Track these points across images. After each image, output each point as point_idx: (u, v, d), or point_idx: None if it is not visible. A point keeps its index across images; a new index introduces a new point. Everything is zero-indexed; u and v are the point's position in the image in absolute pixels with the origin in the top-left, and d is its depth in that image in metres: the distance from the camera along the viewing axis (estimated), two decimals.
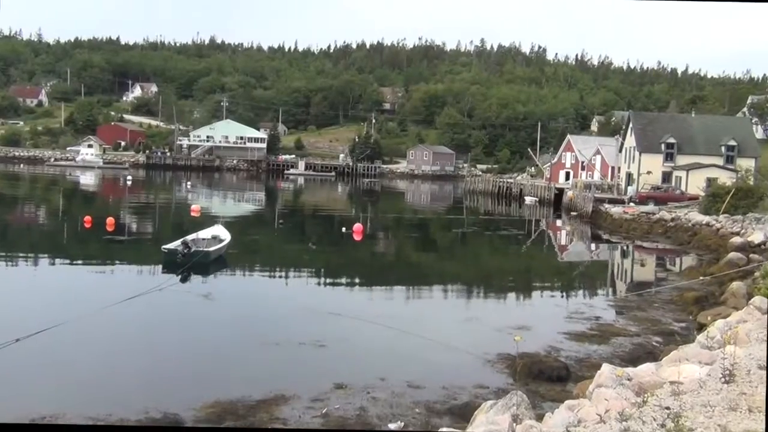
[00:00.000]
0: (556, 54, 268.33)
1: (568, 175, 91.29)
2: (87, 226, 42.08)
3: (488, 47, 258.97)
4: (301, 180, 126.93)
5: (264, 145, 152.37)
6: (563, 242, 52.92)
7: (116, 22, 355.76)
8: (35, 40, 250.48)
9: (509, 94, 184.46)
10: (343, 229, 45.08)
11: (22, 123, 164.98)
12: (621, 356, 17.97)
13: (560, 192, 77.09)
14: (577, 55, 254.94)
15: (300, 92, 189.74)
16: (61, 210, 59.44)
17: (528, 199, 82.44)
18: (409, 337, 19.16)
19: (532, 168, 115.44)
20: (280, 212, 65.74)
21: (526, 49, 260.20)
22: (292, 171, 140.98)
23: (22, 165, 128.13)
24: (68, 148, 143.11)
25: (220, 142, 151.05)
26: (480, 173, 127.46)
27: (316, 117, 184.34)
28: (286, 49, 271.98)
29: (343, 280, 30.51)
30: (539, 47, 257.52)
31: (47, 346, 16.82)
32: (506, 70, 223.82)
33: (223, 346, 18.35)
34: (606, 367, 11.69)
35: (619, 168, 75.34)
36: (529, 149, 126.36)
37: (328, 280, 30.04)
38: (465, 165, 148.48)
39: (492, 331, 20.78)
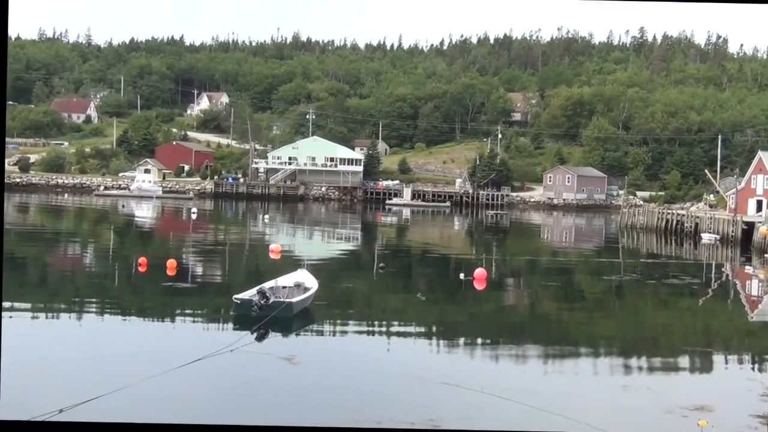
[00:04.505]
0: (741, 45, 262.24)
1: (759, 204, 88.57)
2: (142, 269, 43.56)
3: (650, 38, 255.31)
4: (406, 212, 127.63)
5: (360, 168, 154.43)
6: (755, 294, 51.03)
7: (179, 19, 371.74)
8: (83, 42, 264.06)
9: (679, 98, 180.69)
10: (462, 276, 44.89)
11: (66, 143, 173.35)
12: None
13: (750, 227, 74.91)
14: None
15: (405, 101, 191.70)
16: (111, 250, 61.84)
17: (706, 237, 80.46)
18: (551, 418, 18.76)
19: (711, 195, 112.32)
20: (380, 253, 66.20)
21: (700, 40, 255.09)
22: (395, 200, 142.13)
23: (66, 195, 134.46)
24: (121, 174, 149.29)
25: (305, 164, 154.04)
26: (640, 202, 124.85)
27: (426, 132, 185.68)
28: (388, 47, 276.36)
29: (462, 341, 30.27)
30: (718, 37, 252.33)
31: (95, 418, 17.35)
32: (674, 67, 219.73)
33: (307, 424, 18.42)
34: None
35: None
36: (706, 171, 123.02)
37: (442, 341, 29.90)
38: (620, 192, 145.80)
39: (661, 412, 20.11)
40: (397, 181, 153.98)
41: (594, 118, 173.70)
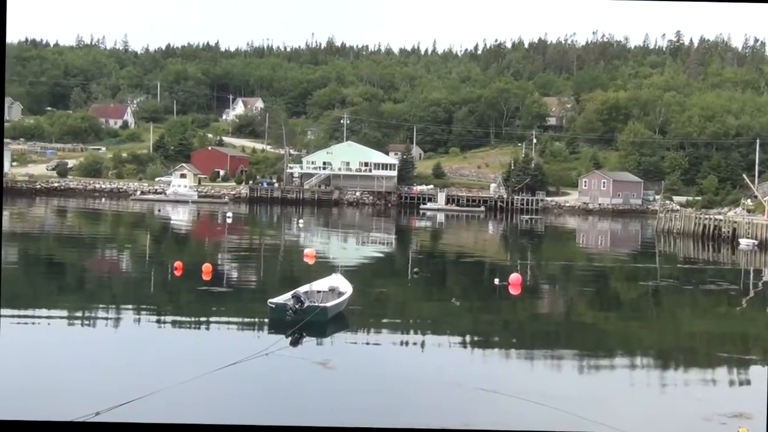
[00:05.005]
0: None
1: None
2: (178, 273, 43.83)
3: (686, 42, 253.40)
4: (440, 216, 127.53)
5: (394, 173, 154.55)
6: None
7: (215, 25, 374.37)
8: (120, 49, 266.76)
9: (716, 102, 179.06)
10: (496, 281, 44.73)
11: (104, 149, 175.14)
12: None
13: None
14: None
15: (439, 105, 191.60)
16: (148, 254, 62.30)
17: (744, 242, 79.67)
18: (586, 425, 18.61)
19: (749, 200, 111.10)
20: (414, 258, 66.14)
21: (737, 43, 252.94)
22: (429, 205, 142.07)
23: (103, 199, 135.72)
24: (157, 179, 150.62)
25: (339, 169, 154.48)
26: (677, 207, 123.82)
27: (460, 137, 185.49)
28: (422, 52, 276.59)
29: (497, 346, 30.16)
30: (756, 40, 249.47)
31: (132, 420, 17.42)
32: (711, 71, 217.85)
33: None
34: None
35: None
36: (744, 175, 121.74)
37: (476, 346, 29.79)
38: (657, 197, 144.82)
39: (700, 419, 19.88)
40: (432, 186, 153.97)
41: (630, 122, 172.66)
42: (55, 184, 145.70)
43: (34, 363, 23.91)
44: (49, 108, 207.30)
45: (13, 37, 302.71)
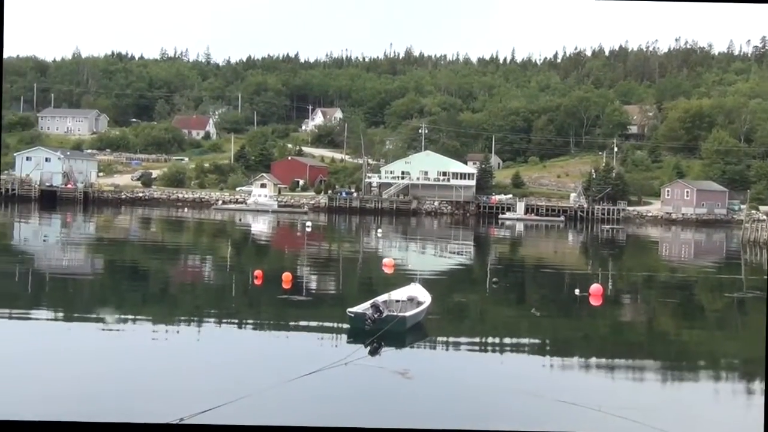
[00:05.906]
0: None
1: None
2: (258, 282, 44.37)
3: None
4: (519, 226, 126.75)
5: (473, 183, 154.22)
6: None
7: (295, 37, 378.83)
8: (203, 61, 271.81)
9: None
10: (577, 291, 44.25)
11: (186, 159, 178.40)
12: None
13: None
14: None
15: (518, 114, 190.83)
16: (229, 263, 63.22)
17: None
18: None
19: None
20: (493, 268, 65.84)
21: None
22: (508, 215, 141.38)
23: (186, 209, 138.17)
24: (238, 189, 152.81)
25: (417, 179, 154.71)
26: (763, 217, 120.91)
27: (540, 146, 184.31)
28: (501, 61, 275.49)
29: (576, 358, 29.84)
30: None
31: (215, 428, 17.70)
32: None
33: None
34: None
35: None
36: None
37: (556, 357, 29.51)
38: (742, 206, 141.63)
39: None
40: (510, 196, 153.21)
41: (714, 130, 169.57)
42: (140, 194, 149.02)
43: (120, 367, 24.46)
44: (134, 119, 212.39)
45: (99, 50, 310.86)
